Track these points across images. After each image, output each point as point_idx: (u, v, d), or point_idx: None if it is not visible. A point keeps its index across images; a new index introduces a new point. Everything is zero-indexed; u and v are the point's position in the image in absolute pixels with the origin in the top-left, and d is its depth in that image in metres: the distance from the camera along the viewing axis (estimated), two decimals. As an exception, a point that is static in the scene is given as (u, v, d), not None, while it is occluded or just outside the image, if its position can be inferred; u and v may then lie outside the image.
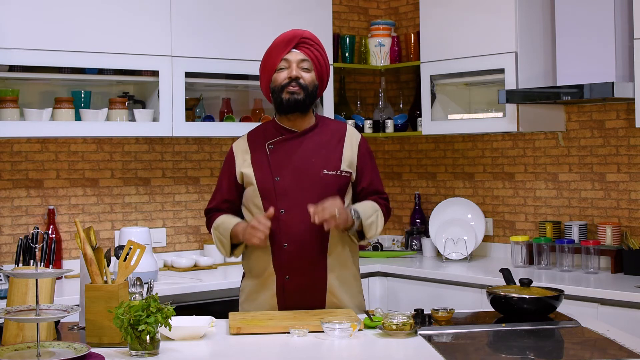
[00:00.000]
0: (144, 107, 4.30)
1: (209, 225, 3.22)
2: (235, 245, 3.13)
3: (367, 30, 5.30)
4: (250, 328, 2.70)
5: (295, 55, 3.09)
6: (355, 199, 3.16)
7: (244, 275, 3.23)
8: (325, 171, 3.06)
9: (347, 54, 5.10)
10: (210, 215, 3.21)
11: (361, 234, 3.11)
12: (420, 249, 4.97)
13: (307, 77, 3.08)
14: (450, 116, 4.72)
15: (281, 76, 3.09)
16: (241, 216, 3.18)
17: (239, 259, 3.25)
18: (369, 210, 3.09)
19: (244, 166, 3.12)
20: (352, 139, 3.16)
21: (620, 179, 4.31)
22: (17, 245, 2.89)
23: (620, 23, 3.97)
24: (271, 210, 2.98)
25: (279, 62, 3.09)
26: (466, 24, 4.53)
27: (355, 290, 3.17)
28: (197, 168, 4.70)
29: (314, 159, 3.08)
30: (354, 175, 3.13)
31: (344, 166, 3.10)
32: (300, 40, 3.09)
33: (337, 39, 5.05)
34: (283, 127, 3.13)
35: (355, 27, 5.37)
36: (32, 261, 2.83)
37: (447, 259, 4.67)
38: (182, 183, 4.65)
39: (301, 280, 3.04)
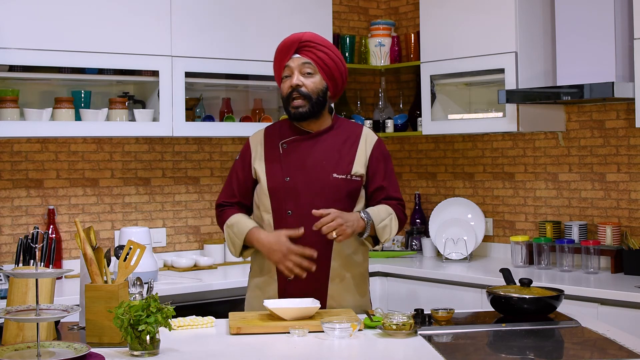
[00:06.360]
0: (144, 107, 4.30)
1: (220, 219, 3.17)
2: (245, 247, 3.10)
3: (367, 30, 5.30)
4: (250, 328, 2.70)
5: (296, 60, 3.04)
6: (368, 203, 3.12)
7: (250, 269, 3.22)
8: (334, 175, 3.03)
9: (347, 54, 5.10)
10: (223, 209, 3.17)
11: (375, 239, 3.09)
12: (420, 249, 4.97)
13: (310, 83, 3.03)
14: (450, 116, 4.71)
15: (285, 86, 3.06)
16: (250, 213, 3.16)
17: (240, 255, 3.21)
18: (382, 214, 3.05)
19: (258, 161, 3.11)
20: (366, 141, 3.13)
21: (620, 179, 4.31)
22: (17, 245, 2.89)
23: (620, 23, 3.97)
24: (301, 230, 2.98)
25: (282, 70, 3.07)
26: (466, 24, 4.52)
27: (360, 291, 3.15)
28: (197, 168, 4.70)
29: (325, 162, 3.05)
30: (365, 179, 3.10)
31: (355, 170, 3.06)
32: (300, 45, 3.04)
33: (337, 39, 5.05)
34: (298, 127, 3.12)
35: (355, 27, 5.37)
36: (32, 261, 2.83)
37: (447, 259, 4.67)
38: (182, 183, 4.65)
39: (303, 283, 3.02)
